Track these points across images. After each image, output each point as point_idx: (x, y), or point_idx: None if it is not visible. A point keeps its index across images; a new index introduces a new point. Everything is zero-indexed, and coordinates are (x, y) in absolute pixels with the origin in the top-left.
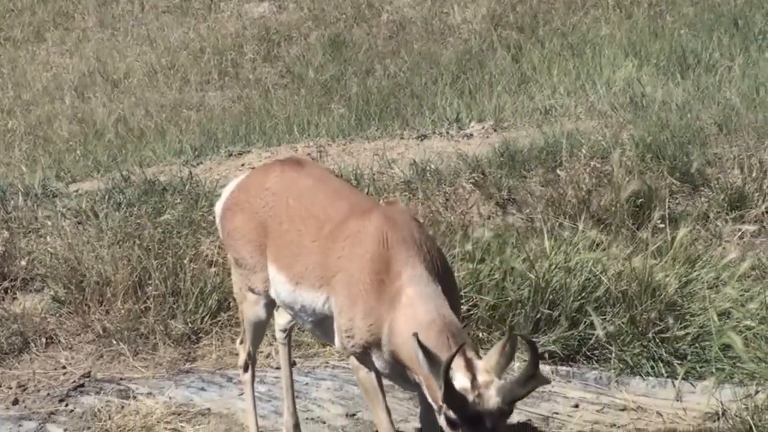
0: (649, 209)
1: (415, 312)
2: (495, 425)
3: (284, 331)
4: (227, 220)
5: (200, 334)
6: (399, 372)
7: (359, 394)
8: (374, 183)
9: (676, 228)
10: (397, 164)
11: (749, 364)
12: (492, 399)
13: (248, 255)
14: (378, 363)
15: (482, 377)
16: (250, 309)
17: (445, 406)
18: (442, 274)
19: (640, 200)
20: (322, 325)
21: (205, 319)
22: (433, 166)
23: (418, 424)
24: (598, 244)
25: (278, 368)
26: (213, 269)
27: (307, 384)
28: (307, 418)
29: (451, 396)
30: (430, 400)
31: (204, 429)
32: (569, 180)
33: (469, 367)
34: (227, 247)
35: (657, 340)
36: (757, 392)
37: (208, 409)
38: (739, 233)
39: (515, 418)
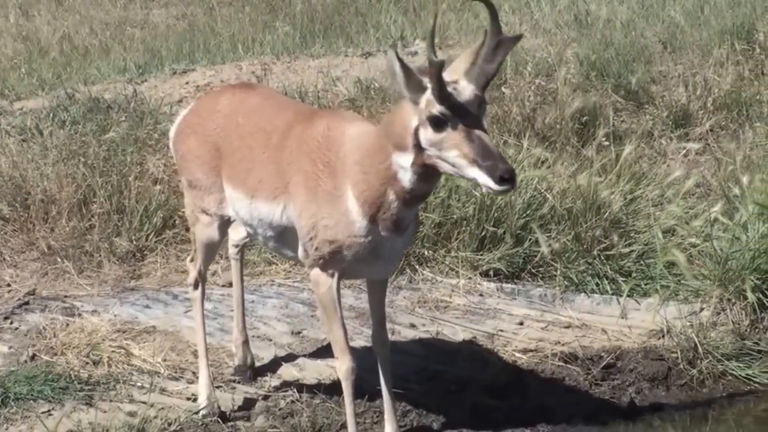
0: (594, 127)
1: (362, 150)
2: (478, 115)
3: (237, 246)
4: (180, 143)
5: (145, 252)
6: (371, 241)
7: (304, 312)
8: (319, 101)
9: (621, 146)
10: (341, 82)
11: (693, 282)
12: (466, 88)
13: (203, 176)
14: (349, 248)
15: (450, 76)
16: (203, 230)
17: (431, 104)
18: None
19: (585, 118)
20: (283, 237)
21: (150, 237)
22: (377, 84)
23: (363, 343)
24: (543, 162)
25: (224, 286)
26: (158, 187)
27: (253, 302)
28: (253, 336)
29: (441, 89)
30: (405, 161)
31: (149, 346)
32: (514, 98)
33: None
34: (181, 170)
35: (602, 258)
36: (701, 310)
37: (153, 326)
38: (684, 151)
39: (460, 335)
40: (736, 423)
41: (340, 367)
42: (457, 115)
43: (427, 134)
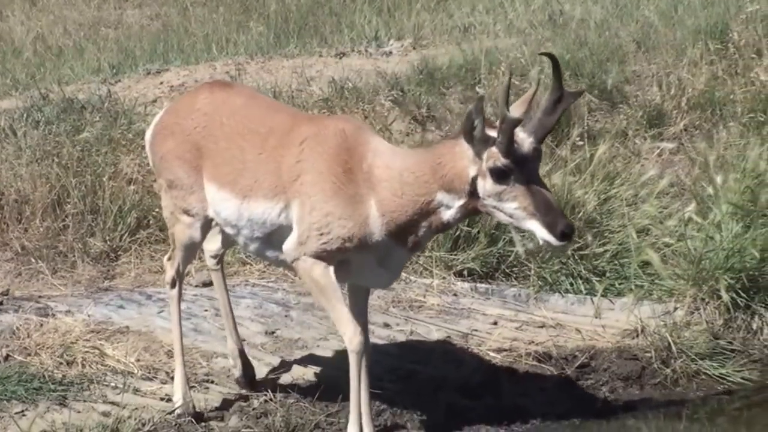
0: (568, 126)
1: (394, 166)
2: (535, 166)
3: (215, 257)
4: (158, 144)
5: (119, 252)
6: (384, 255)
7: (278, 312)
8: (293, 101)
9: (595, 145)
10: (315, 82)
11: (667, 281)
12: (525, 141)
13: (185, 175)
14: (358, 253)
15: None
16: (184, 231)
17: (495, 158)
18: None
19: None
20: (270, 238)
21: (124, 237)
22: (351, 84)
23: (336, 344)
24: None
25: (197, 286)
26: (132, 187)
27: None
28: (225, 336)
29: (509, 144)
30: (453, 202)
31: (123, 347)
32: (488, 97)
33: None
34: (160, 171)
35: (576, 257)
36: (675, 309)
37: (127, 326)
38: (658, 150)
39: (434, 334)
40: (710, 422)
41: (352, 339)
42: (518, 168)
43: (487, 185)
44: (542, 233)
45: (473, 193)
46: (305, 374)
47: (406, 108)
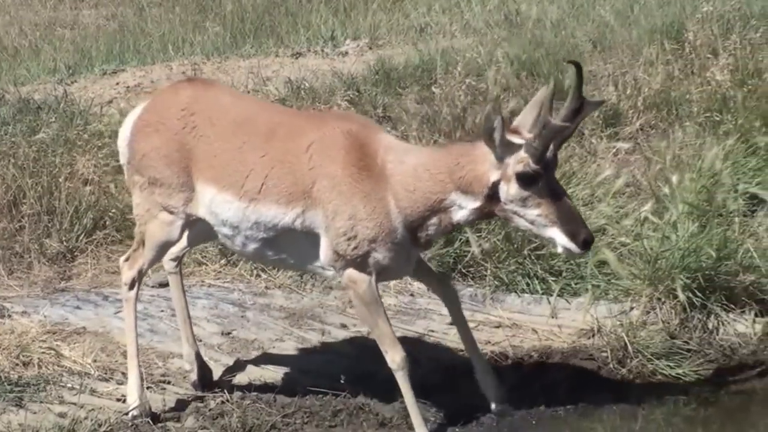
0: None
1: (408, 162)
2: (554, 173)
3: (175, 259)
4: (139, 142)
5: (75, 253)
6: (405, 250)
7: (234, 313)
8: None
9: None
10: (272, 82)
11: (624, 281)
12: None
13: (172, 174)
14: (385, 251)
15: (525, 136)
16: (161, 229)
17: (524, 162)
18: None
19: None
20: (275, 241)
21: (81, 238)
22: (308, 84)
23: (294, 344)
24: None
25: (153, 287)
26: (88, 188)
27: None
28: (180, 337)
29: (543, 149)
30: (470, 204)
31: (80, 347)
32: (444, 97)
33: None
34: (140, 168)
35: (532, 257)
36: (631, 309)
37: (84, 327)
38: (614, 150)
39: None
40: (666, 422)
41: (394, 358)
42: (546, 172)
43: (511, 190)
44: (564, 241)
45: (492, 197)
46: (261, 375)
47: (362, 108)
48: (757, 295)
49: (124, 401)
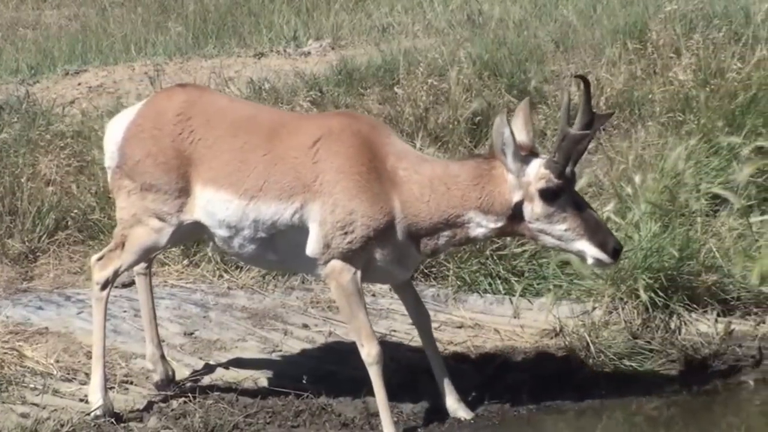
0: (487, 127)
1: (424, 172)
2: (574, 188)
3: (147, 261)
4: (133, 148)
5: (38, 253)
6: (403, 255)
7: (197, 313)
8: None
9: None
10: (234, 82)
11: (586, 281)
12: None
13: (170, 181)
14: (380, 253)
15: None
16: (148, 235)
17: (546, 179)
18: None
19: (478, 118)
20: (273, 240)
21: (43, 239)
22: (270, 84)
23: (255, 343)
24: None
25: (117, 287)
26: (51, 188)
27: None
28: (143, 338)
29: (565, 161)
30: (489, 224)
31: (42, 348)
32: (407, 98)
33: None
34: (131, 173)
35: (494, 258)
36: (594, 309)
37: (46, 328)
38: None
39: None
40: (628, 421)
41: (369, 352)
42: (569, 186)
43: (536, 208)
44: (594, 252)
45: (514, 217)
46: (224, 375)
47: (324, 108)
48: (720, 295)
49: (87, 401)
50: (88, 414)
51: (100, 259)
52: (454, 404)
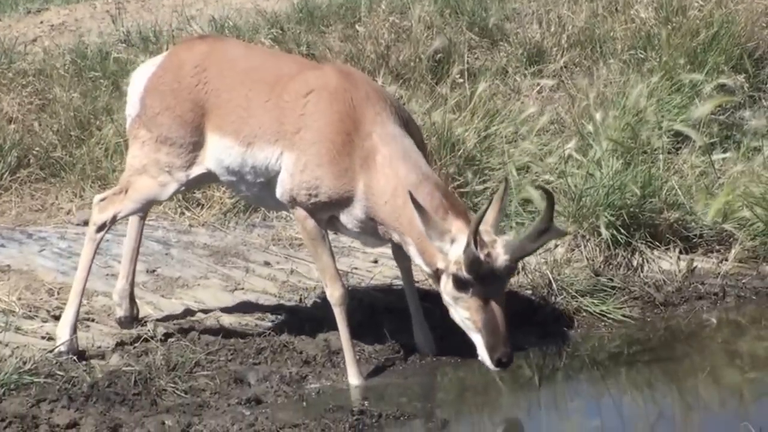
0: (448, 64)
1: (396, 171)
2: (503, 283)
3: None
4: (153, 99)
5: None
6: (368, 229)
7: (159, 251)
8: (173, 40)
9: (475, 83)
10: (195, 21)
11: None
12: (500, 257)
13: (186, 134)
14: (344, 218)
15: (487, 237)
16: (151, 187)
17: (458, 267)
18: (409, 128)
19: (439, 55)
20: (271, 185)
21: (5, 176)
22: (231, 23)
23: (217, 281)
24: (397, 99)
25: (78, 225)
26: (12, 126)
27: (108, 240)
28: (107, 275)
29: (471, 257)
30: (420, 262)
31: (4, 285)
32: (368, 35)
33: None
34: (149, 124)
35: (456, 195)
36: (556, 246)
37: (8, 265)
38: (538, 88)
39: (314, 273)
40: (590, 359)
41: (333, 293)
42: (481, 282)
43: (447, 286)
44: (482, 352)
45: (438, 278)
46: (186, 313)
47: (286, 46)
48: (682, 233)
49: (50, 339)
50: (51, 351)
51: (102, 200)
52: (422, 341)
